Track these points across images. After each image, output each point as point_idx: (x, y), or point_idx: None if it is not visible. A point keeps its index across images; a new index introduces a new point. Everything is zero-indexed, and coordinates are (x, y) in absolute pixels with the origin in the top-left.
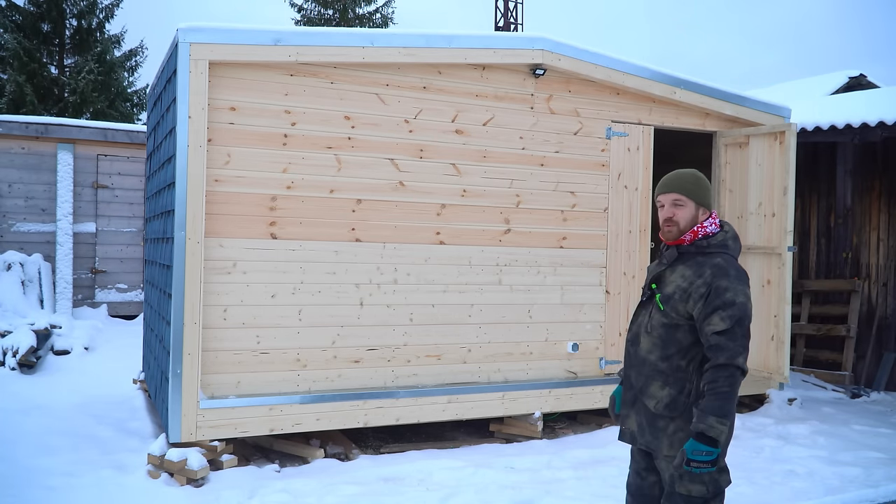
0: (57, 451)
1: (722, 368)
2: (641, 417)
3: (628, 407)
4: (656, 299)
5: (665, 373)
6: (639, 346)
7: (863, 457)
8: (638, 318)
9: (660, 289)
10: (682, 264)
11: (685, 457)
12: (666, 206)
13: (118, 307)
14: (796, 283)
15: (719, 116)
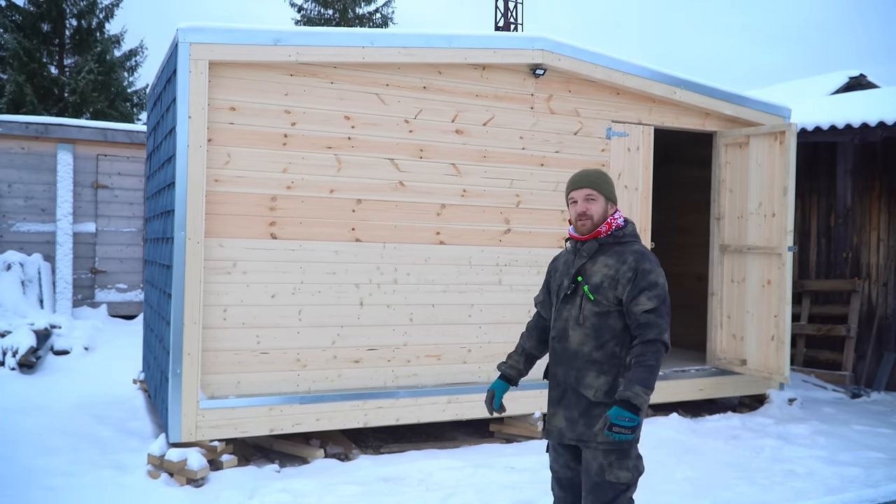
0: (57, 451)
1: (650, 343)
2: (572, 411)
3: (555, 405)
4: (585, 290)
5: (600, 361)
6: (567, 341)
7: (863, 457)
8: (563, 313)
9: (585, 281)
10: (602, 255)
11: (608, 422)
12: (579, 201)
13: (118, 307)
14: (796, 283)
15: (719, 116)
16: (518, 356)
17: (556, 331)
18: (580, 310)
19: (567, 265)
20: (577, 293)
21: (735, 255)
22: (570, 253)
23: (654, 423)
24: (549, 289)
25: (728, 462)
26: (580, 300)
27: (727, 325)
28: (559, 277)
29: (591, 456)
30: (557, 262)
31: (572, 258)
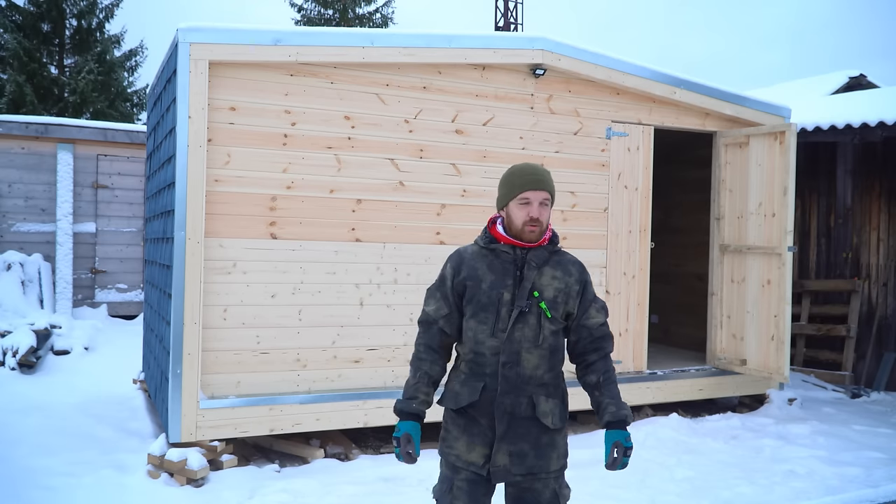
0: (57, 451)
1: (609, 357)
2: (521, 444)
3: (498, 441)
4: (543, 307)
5: (549, 384)
6: (521, 366)
7: (863, 457)
8: (514, 334)
9: (541, 296)
10: (547, 266)
11: (624, 446)
12: (534, 204)
13: (118, 307)
14: (796, 283)
15: (719, 116)
16: (427, 387)
17: (506, 355)
18: (539, 329)
19: (502, 275)
20: (533, 311)
21: (735, 255)
22: (504, 261)
23: (654, 423)
24: (455, 300)
25: (728, 462)
26: (538, 318)
27: (727, 325)
28: (491, 289)
29: (541, 486)
30: (477, 270)
31: (511, 268)
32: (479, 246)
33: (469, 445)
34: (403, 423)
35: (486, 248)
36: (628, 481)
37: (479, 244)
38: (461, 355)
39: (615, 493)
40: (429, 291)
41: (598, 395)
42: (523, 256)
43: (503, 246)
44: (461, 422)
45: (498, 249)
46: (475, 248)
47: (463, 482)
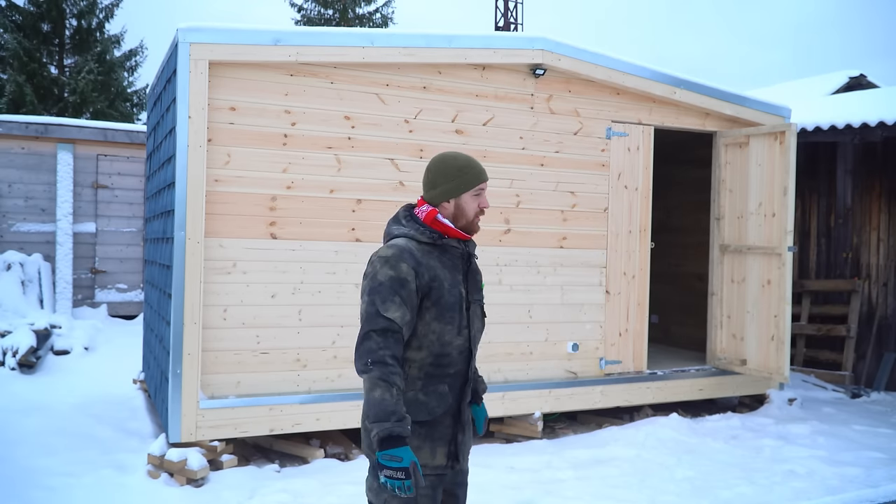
0: (57, 451)
1: None
2: (469, 431)
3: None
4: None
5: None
6: (473, 360)
7: (863, 457)
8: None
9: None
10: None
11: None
12: (484, 196)
13: (118, 307)
14: (796, 283)
15: (719, 116)
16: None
17: (471, 350)
18: (481, 323)
19: (454, 271)
20: (479, 303)
21: (735, 255)
22: (453, 256)
23: (654, 423)
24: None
25: (728, 462)
26: (481, 310)
27: (727, 325)
28: (452, 288)
29: (467, 465)
30: (436, 270)
31: (459, 262)
32: (421, 242)
33: (432, 450)
34: (402, 450)
35: (431, 244)
36: (628, 481)
37: (418, 239)
38: (413, 360)
39: (615, 493)
40: (381, 295)
41: None
42: (468, 249)
43: (452, 240)
44: (422, 430)
45: (447, 244)
46: (417, 244)
47: (427, 489)
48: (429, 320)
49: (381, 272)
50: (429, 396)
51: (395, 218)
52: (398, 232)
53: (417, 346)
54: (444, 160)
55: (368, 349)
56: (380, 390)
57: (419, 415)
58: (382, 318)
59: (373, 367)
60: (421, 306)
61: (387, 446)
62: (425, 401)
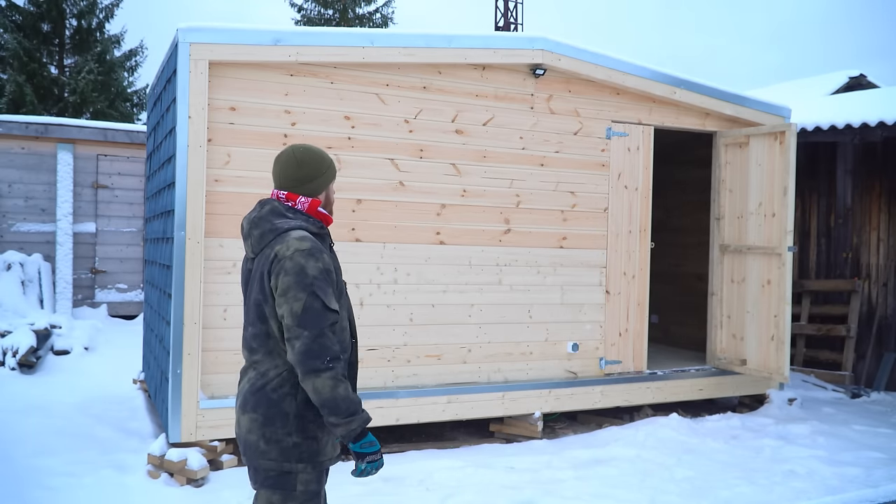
0: (57, 451)
1: None
2: None
3: None
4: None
5: None
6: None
7: (863, 457)
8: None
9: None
10: None
11: None
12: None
13: (118, 307)
14: (796, 283)
15: (719, 116)
16: None
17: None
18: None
19: (334, 259)
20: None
21: (735, 255)
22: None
23: (653, 423)
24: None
25: (728, 462)
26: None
27: (727, 325)
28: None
29: None
30: (333, 261)
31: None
32: (312, 233)
33: (334, 443)
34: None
35: (319, 234)
36: (628, 481)
37: (311, 230)
38: None
39: (615, 493)
40: (321, 289)
41: None
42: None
43: (327, 230)
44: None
45: (326, 233)
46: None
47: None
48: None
49: (310, 265)
50: None
51: (275, 212)
52: (289, 225)
53: None
54: (314, 153)
55: (323, 346)
56: (343, 387)
57: None
58: (331, 312)
59: (333, 365)
60: None
61: (363, 436)
62: None
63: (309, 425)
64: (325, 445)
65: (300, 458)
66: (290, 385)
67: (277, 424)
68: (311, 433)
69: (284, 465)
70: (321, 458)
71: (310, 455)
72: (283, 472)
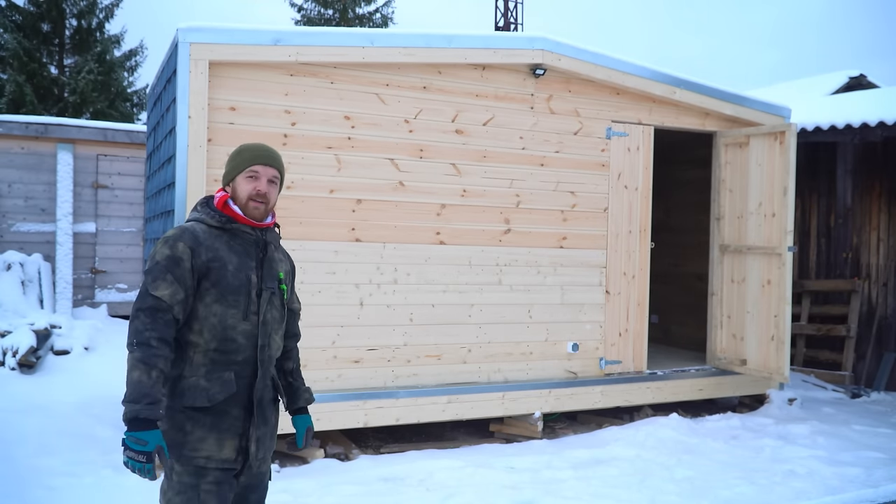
0: (57, 451)
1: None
2: (265, 428)
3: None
4: (283, 289)
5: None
6: (271, 348)
7: (863, 457)
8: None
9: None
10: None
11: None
12: (262, 179)
13: (118, 307)
14: (796, 283)
15: (719, 116)
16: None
17: (262, 338)
18: (283, 310)
19: (244, 256)
20: (277, 292)
21: (735, 255)
22: (245, 241)
23: (653, 423)
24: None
25: (728, 462)
26: (281, 300)
27: (727, 325)
28: (238, 271)
29: (265, 468)
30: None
31: (253, 249)
32: (209, 225)
33: (219, 442)
34: (150, 433)
35: (219, 228)
36: (628, 481)
37: (207, 223)
38: (197, 345)
39: (615, 493)
40: (153, 274)
41: (292, 381)
42: (264, 237)
43: (243, 226)
44: (207, 420)
45: (237, 229)
46: (205, 227)
47: (211, 485)
48: (209, 302)
49: (160, 252)
50: (211, 382)
51: (194, 207)
52: (190, 217)
53: (199, 330)
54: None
55: (135, 329)
56: (137, 372)
57: (199, 400)
58: (150, 297)
59: (136, 349)
60: (200, 287)
61: (134, 428)
62: (207, 386)
63: (176, 414)
64: (194, 440)
65: (168, 447)
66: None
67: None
68: (178, 423)
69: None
70: (185, 450)
71: (172, 444)
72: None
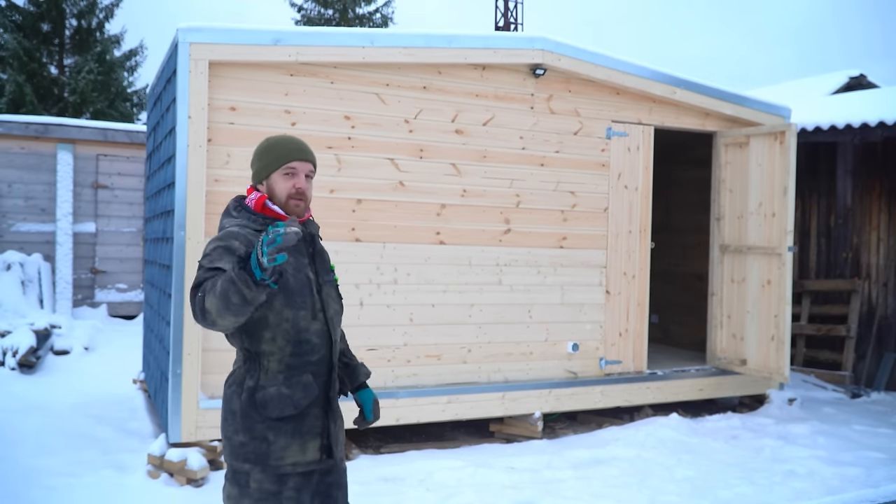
0: (57, 451)
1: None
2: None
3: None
4: (336, 280)
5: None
6: (335, 345)
7: (863, 457)
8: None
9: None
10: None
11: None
12: (301, 175)
13: (118, 307)
14: (796, 283)
15: (719, 116)
16: None
17: (334, 335)
18: (340, 300)
19: (297, 254)
20: (333, 284)
21: (735, 255)
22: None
23: (653, 423)
24: None
25: (728, 462)
26: (336, 291)
27: (727, 325)
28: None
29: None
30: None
31: (302, 245)
32: (253, 229)
33: (302, 446)
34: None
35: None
36: (628, 481)
37: (252, 227)
38: (271, 353)
39: (615, 493)
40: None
41: (347, 361)
42: (309, 231)
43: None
44: (288, 427)
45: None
46: (251, 231)
47: (292, 491)
48: (279, 308)
49: (210, 246)
50: (293, 389)
51: (226, 211)
52: (229, 224)
53: (271, 339)
54: (260, 143)
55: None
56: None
57: (285, 410)
58: (209, 270)
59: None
60: None
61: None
62: (289, 394)
63: (256, 425)
64: (277, 448)
65: (247, 459)
66: (237, 383)
67: (228, 422)
68: (259, 433)
69: (234, 463)
70: (271, 460)
71: (257, 456)
72: (235, 471)
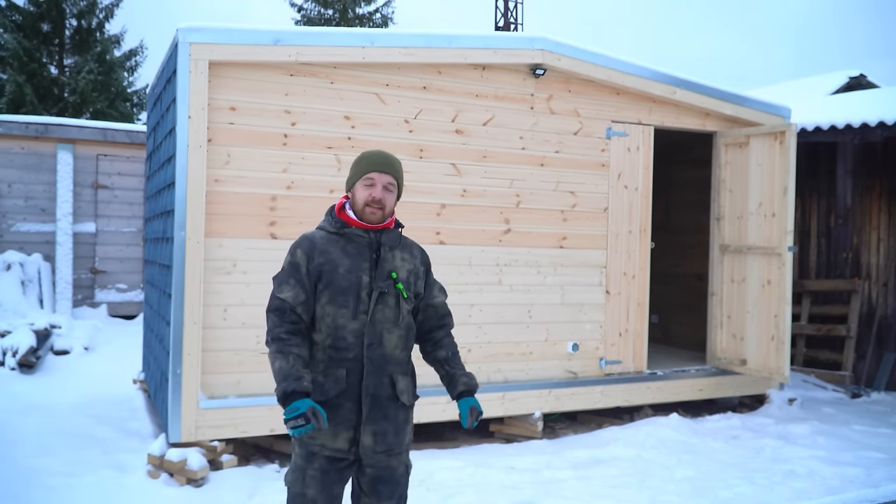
0: (57, 451)
1: (452, 334)
2: (383, 423)
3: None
4: (400, 288)
5: (404, 362)
6: (383, 347)
7: (863, 457)
8: (377, 315)
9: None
10: (396, 248)
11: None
12: (378, 186)
13: (118, 307)
14: (796, 283)
15: (719, 116)
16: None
17: (370, 337)
18: (399, 310)
19: (358, 258)
20: (391, 292)
21: (735, 255)
22: (359, 244)
23: (654, 423)
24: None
25: (728, 462)
26: (396, 299)
27: (727, 325)
28: (349, 273)
29: (396, 462)
30: (331, 255)
31: (366, 251)
32: (327, 231)
33: (334, 432)
34: (300, 401)
35: (336, 234)
36: (628, 481)
37: (327, 230)
38: (318, 343)
39: (615, 493)
40: (278, 279)
41: (449, 369)
42: (377, 239)
43: (356, 230)
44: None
45: (351, 233)
46: (323, 233)
47: (316, 471)
48: (324, 303)
49: (285, 259)
50: (326, 378)
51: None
52: (319, 224)
53: (319, 328)
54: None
55: (269, 329)
56: (278, 362)
57: (316, 395)
58: (276, 299)
59: (272, 344)
60: (316, 289)
61: (288, 402)
62: (322, 382)
63: None
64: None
65: None
66: None
67: None
68: None
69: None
70: (306, 438)
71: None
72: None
